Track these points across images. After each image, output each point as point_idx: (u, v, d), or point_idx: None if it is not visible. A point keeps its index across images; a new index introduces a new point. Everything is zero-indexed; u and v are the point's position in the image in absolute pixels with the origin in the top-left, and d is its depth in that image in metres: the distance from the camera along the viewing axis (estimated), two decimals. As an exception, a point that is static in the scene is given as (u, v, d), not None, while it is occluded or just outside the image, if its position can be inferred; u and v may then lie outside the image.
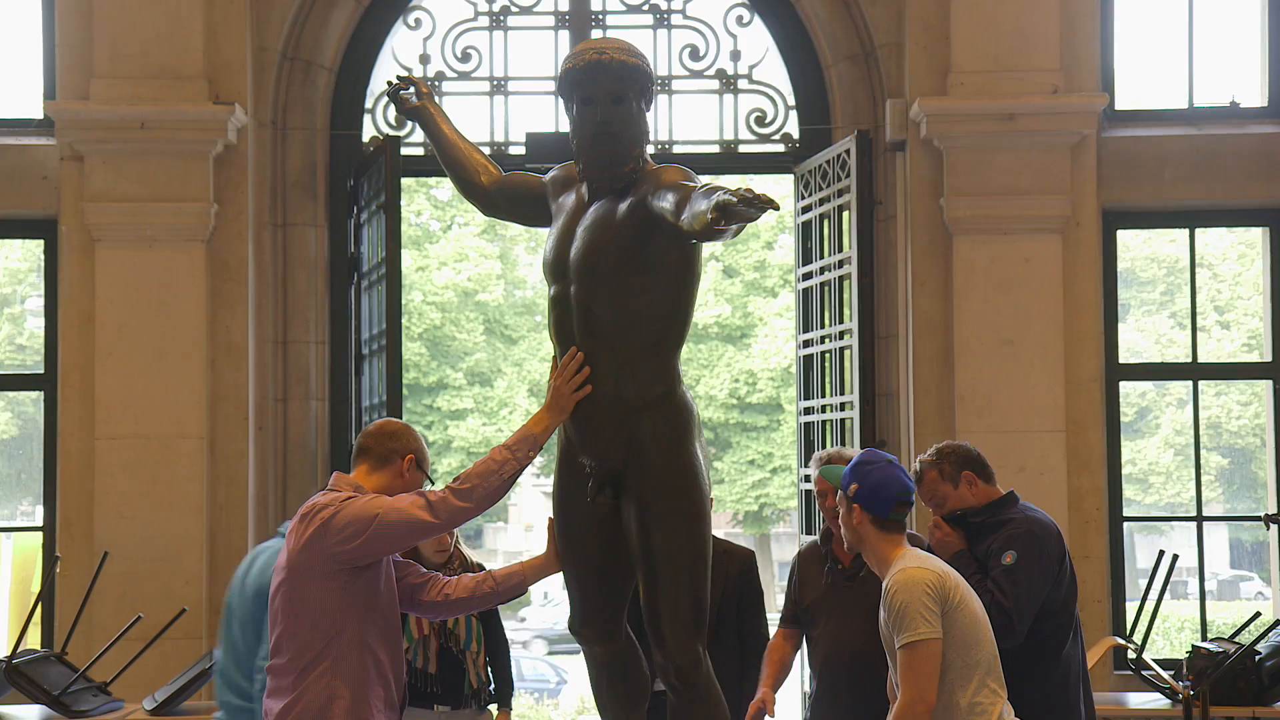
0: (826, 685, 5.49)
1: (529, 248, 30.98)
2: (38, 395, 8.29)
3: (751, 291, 27.27)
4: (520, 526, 30.46)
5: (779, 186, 16.86)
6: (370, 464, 4.51)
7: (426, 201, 27.94)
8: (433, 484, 4.58)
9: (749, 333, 27.33)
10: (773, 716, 5.38)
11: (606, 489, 4.65)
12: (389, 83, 5.38)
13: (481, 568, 5.69)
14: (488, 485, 4.39)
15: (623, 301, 4.54)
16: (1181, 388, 28.26)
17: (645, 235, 4.52)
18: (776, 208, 3.87)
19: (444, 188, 27.41)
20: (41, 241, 8.09)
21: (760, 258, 27.18)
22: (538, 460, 32.22)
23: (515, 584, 4.61)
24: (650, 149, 4.80)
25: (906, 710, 4.43)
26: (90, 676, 7.11)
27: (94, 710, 7.04)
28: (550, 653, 25.63)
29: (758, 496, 27.27)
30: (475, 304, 28.93)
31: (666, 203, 4.36)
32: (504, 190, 5.06)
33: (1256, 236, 8.42)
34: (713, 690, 4.58)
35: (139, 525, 7.56)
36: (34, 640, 7.50)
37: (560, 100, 4.85)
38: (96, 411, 7.67)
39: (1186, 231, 8.60)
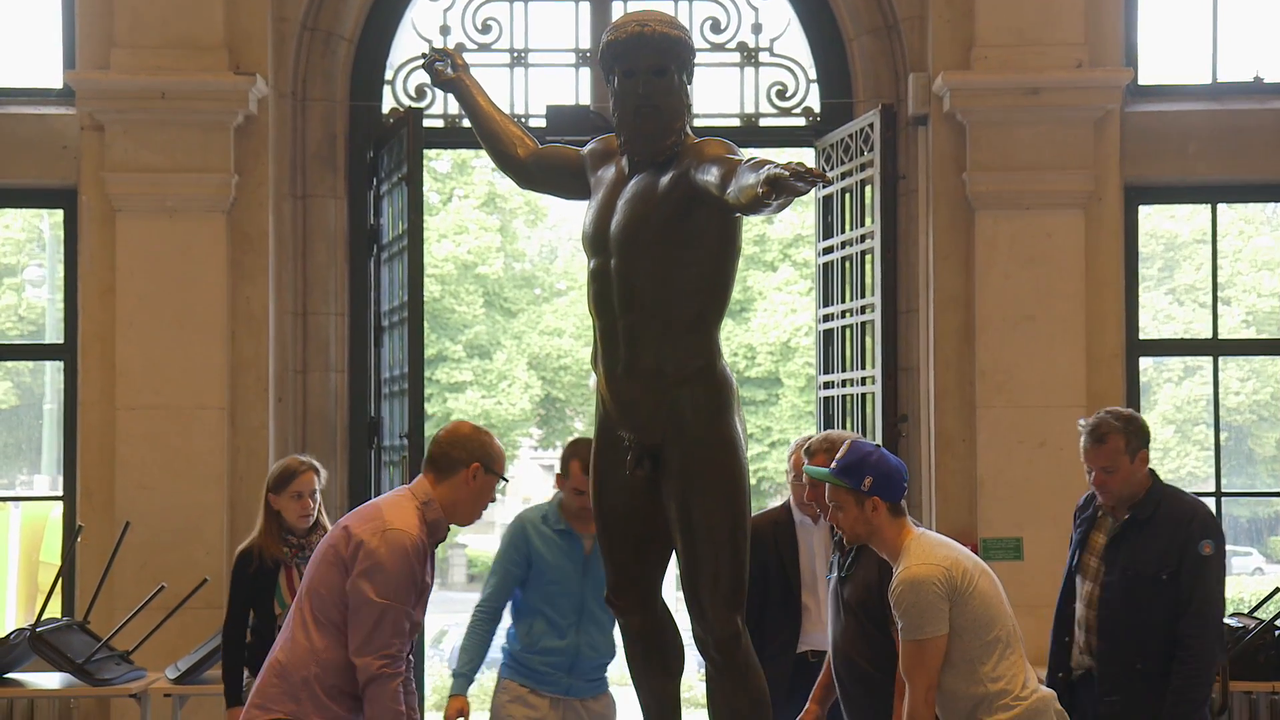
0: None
1: (528, 220, 30.94)
2: (37, 365, 8.31)
3: (751, 265, 27.25)
4: (518, 499, 30.48)
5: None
6: (436, 474, 4.56)
7: (427, 174, 27.82)
8: (506, 482, 4.65)
9: (748, 307, 27.32)
10: None
11: (645, 462, 4.65)
12: (424, 54, 5.36)
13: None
14: (390, 713, 4.36)
15: (664, 275, 4.53)
16: (1178, 363, 28.37)
17: (687, 208, 4.51)
18: (828, 181, 3.87)
19: (444, 160, 27.37)
20: (57, 211, 8.09)
21: (760, 231, 27.15)
22: (535, 432, 32.24)
23: None
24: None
25: (920, 701, 4.57)
26: (112, 645, 7.13)
27: (117, 678, 7.06)
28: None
29: (756, 470, 27.27)
30: (475, 277, 28.90)
31: (710, 176, 4.35)
32: (540, 163, 5.05)
33: (1255, 213, 8.44)
34: (751, 662, 4.59)
35: (159, 495, 7.57)
36: (54, 609, 7.50)
37: (599, 72, 4.84)
38: (117, 382, 7.66)
39: (1189, 208, 8.61)
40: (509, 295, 30.05)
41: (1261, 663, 7.12)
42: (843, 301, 8.12)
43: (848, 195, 8.08)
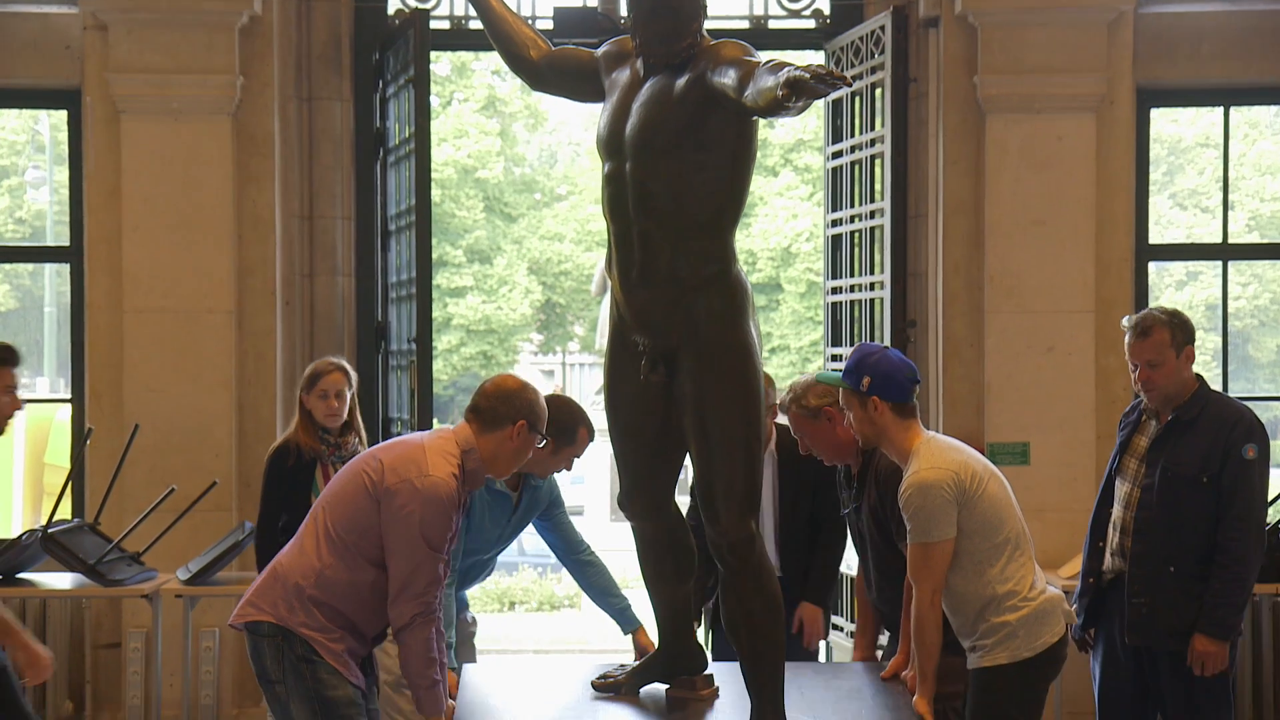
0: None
1: (528, 125, 30.75)
2: (36, 268, 8.29)
3: (752, 170, 27.13)
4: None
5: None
6: (480, 425, 4.50)
7: (428, 76, 27.65)
8: (547, 441, 4.66)
9: (749, 212, 27.13)
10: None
11: (659, 367, 4.64)
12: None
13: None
14: (423, 659, 4.37)
15: (679, 178, 4.49)
16: (1180, 269, 28.32)
17: (703, 111, 4.46)
18: (849, 84, 3.83)
19: (443, 63, 27.13)
20: (55, 113, 8.03)
21: (761, 136, 26.79)
22: (535, 337, 32.23)
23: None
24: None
25: (925, 604, 4.62)
26: (123, 547, 7.17)
27: (129, 579, 7.10)
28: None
29: (756, 375, 27.30)
30: (475, 181, 28.78)
31: (728, 78, 4.31)
32: (554, 65, 5.00)
33: (1260, 115, 8.37)
34: (765, 565, 4.61)
35: (168, 399, 7.58)
36: (63, 512, 7.52)
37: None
38: (124, 285, 7.64)
39: (1192, 111, 8.54)
40: (509, 200, 29.94)
41: (1266, 566, 7.15)
42: (851, 206, 8.08)
43: (857, 99, 8.02)
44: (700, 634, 5.72)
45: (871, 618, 5.59)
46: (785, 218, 27.54)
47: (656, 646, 5.10)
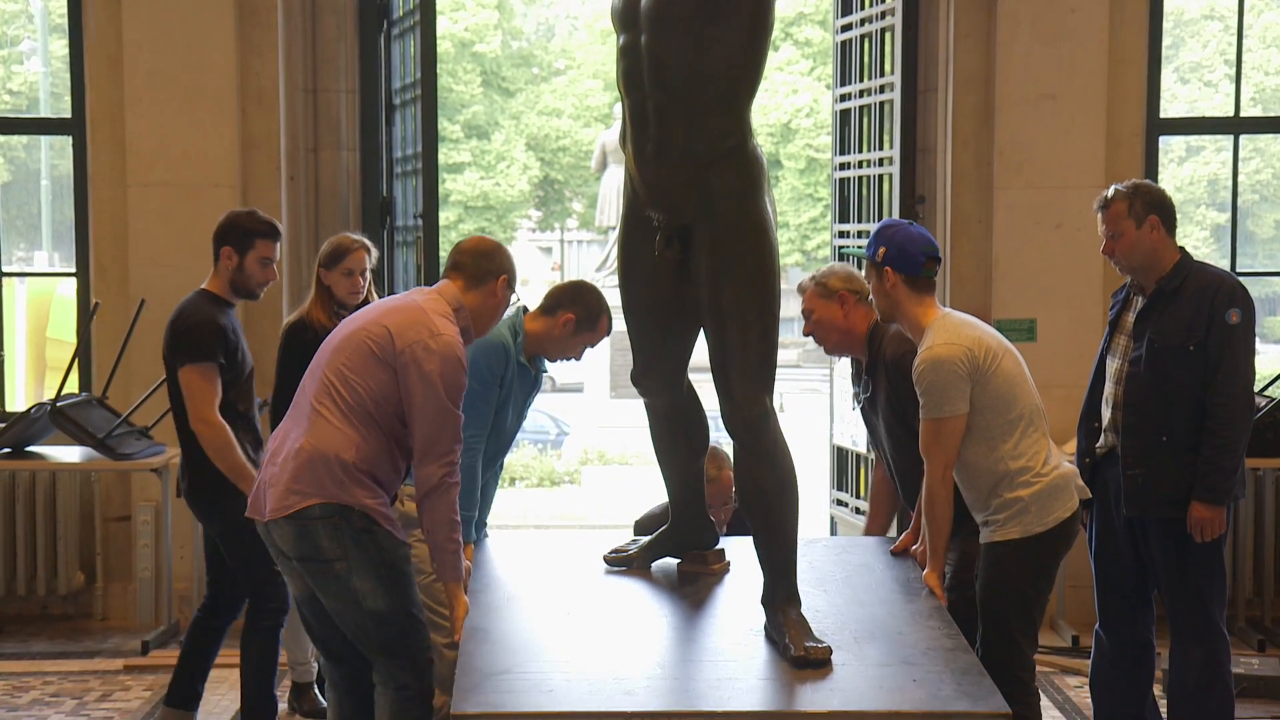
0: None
1: (526, -3, 30.46)
2: (32, 140, 8.23)
3: (752, 44, 26.85)
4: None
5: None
6: (466, 282, 4.52)
7: (422, -53, 27.30)
8: (519, 302, 4.69)
9: (749, 85, 26.98)
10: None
11: (674, 243, 4.61)
12: None
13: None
14: (449, 523, 4.37)
15: (696, 51, 4.42)
16: (1180, 143, 28.17)
17: (719, -18, 4.39)
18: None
19: (440, -68, 26.79)
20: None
21: (762, 8, 26.67)
22: (533, 214, 32.09)
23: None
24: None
25: (937, 479, 4.65)
26: (131, 421, 7.19)
27: (138, 453, 7.16)
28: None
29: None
30: (472, 55, 28.53)
31: None
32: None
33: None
34: (779, 443, 4.60)
35: (173, 273, 7.51)
36: (70, 386, 7.54)
37: None
38: (127, 158, 7.60)
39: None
40: (507, 75, 29.70)
41: (1270, 440, 7.22)
42: (861, 81, 8.01)
43: (868, -30, 7.93)
44: None
45: (884, 496, 5.60)
46: (785, 93, 27.35)
47: (669, 522, 5.13)
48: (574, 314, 5.21)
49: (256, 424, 5.68)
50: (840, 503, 8.44)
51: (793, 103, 27.62)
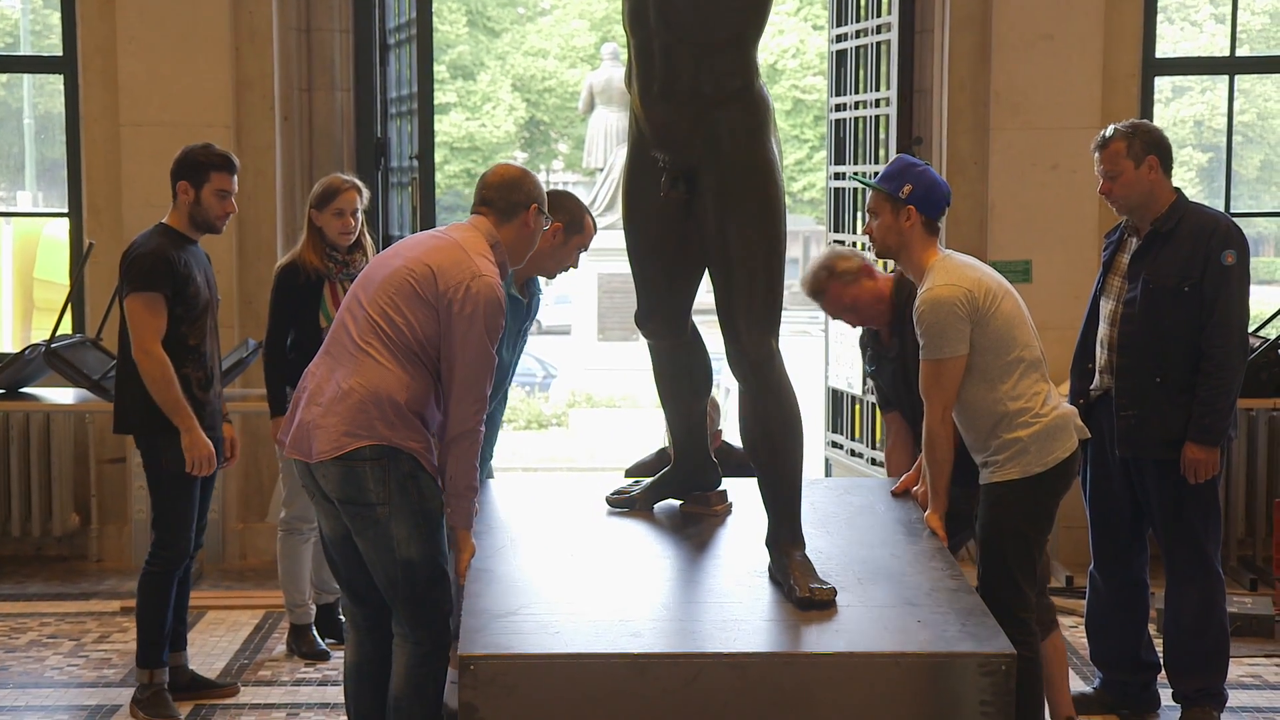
0: None
1: (511, -66, 30.22)
2: (13, 78, 8.17)
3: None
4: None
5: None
6: (497, 217, 4.45)
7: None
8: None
9: (737, 26, 26.84)
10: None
11: (680, 184, 4.59)
12: None
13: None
14: (473, 467, 4.36)
15: (703, -11, 4.40)
16: (1167, 84, 28.10)
17: (727, -82, 4.35)
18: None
19: None
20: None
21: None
22: (519, 155, 32.00)
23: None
24: None
25: (936, 420, 4.65)
26: (127, 363, 7.16)
27: (134, 396, 7.11)
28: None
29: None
30: (458, -7, 28.35)
31: None
32: None
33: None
34: (785, 384, 4.59)
35: (166, 213, 7.48)
36: (64, 327, 7.51)
37: None
38: (120, 98, 7.55)
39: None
40: (492, 14, 29.52)
41: (1264, 380, 7.25)
42: (857, 21, 7.97)
43: (865, -91, 7.88)
44: None
45: (900, 438, 5.55)
46: (771, 33, 27.17)
47: (671, 463, 5.13)
48: (559, 221, 5.09)
49: (208, 361, 5.62)
50: (835, 445, 8.46)
51: (779, 43, 27.48)
